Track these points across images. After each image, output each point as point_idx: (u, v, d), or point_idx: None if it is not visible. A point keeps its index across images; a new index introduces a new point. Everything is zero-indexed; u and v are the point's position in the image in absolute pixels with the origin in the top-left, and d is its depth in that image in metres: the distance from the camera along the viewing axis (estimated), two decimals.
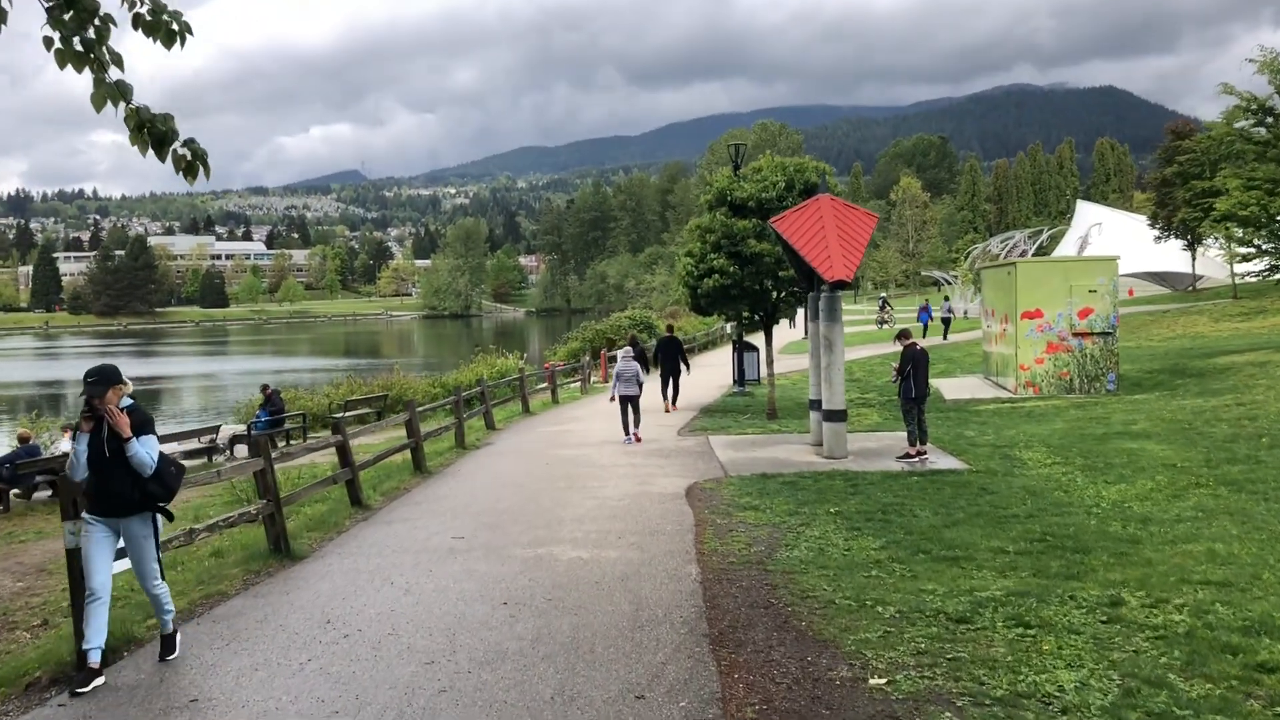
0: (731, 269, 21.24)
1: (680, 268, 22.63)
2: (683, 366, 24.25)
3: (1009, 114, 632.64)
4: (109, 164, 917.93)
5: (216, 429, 22.72)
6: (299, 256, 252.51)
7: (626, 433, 18.78)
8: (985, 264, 37.65)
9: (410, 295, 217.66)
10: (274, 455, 11.70)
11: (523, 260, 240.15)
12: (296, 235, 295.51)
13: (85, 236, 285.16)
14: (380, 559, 10.06)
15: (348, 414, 26.22)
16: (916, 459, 14.67)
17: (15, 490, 17.65)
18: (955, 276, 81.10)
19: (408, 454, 16.53)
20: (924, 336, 39.84)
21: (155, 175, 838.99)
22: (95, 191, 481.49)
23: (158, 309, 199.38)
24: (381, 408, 27.76)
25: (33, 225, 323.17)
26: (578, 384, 33.68)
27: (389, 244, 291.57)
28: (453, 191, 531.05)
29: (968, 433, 17.30)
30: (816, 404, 17.06)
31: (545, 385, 31.94)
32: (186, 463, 21.97)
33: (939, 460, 14.53)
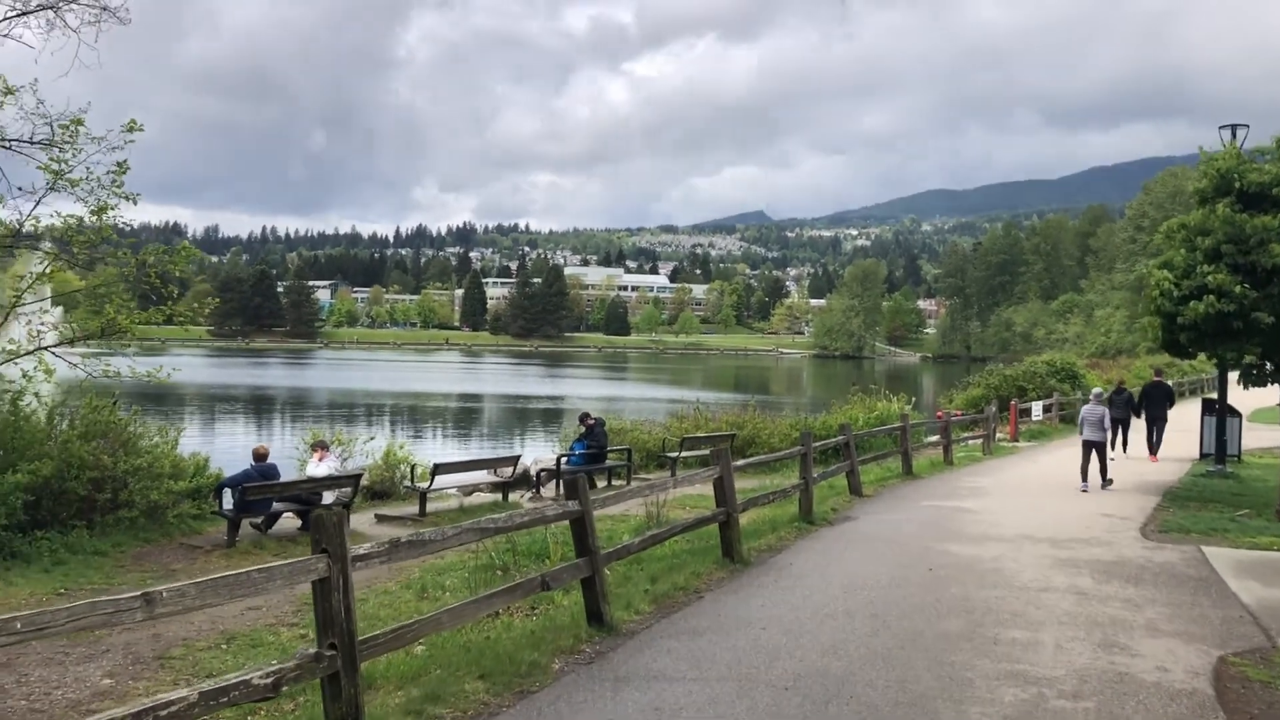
0: (1238, 288, 14.00)
1: (1152, 287, 15.52)
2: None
3: None
4: (544, 201, 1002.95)
5: (515, 459, 18.54)
6: (698, 291, 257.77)
7: (1084, 479, 17.15)
8: None
9: (802, 334, 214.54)
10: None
11: (921, 304, 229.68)
12: (699, 271, 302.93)
13: (513, 265, 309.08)
14: None
15: (685, 453, 21.33)
16: None
17: (253, 520, 14.17)
18: None
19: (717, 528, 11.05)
20: None
21: (580, 212, 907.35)
22: (528, 226, 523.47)
23: (566, 333, 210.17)
24: (728, 448, 22.61)
25: (472, 255, 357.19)
26: (979, 440, 26.73)
27: (786, 282, 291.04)
28: (854, 233, 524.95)
29: None
30: None
31: (936, 439, 25.41)
32: (474, 500, 18.00)
33: None
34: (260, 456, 14.19)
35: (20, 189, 13.16)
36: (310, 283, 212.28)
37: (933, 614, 8.41)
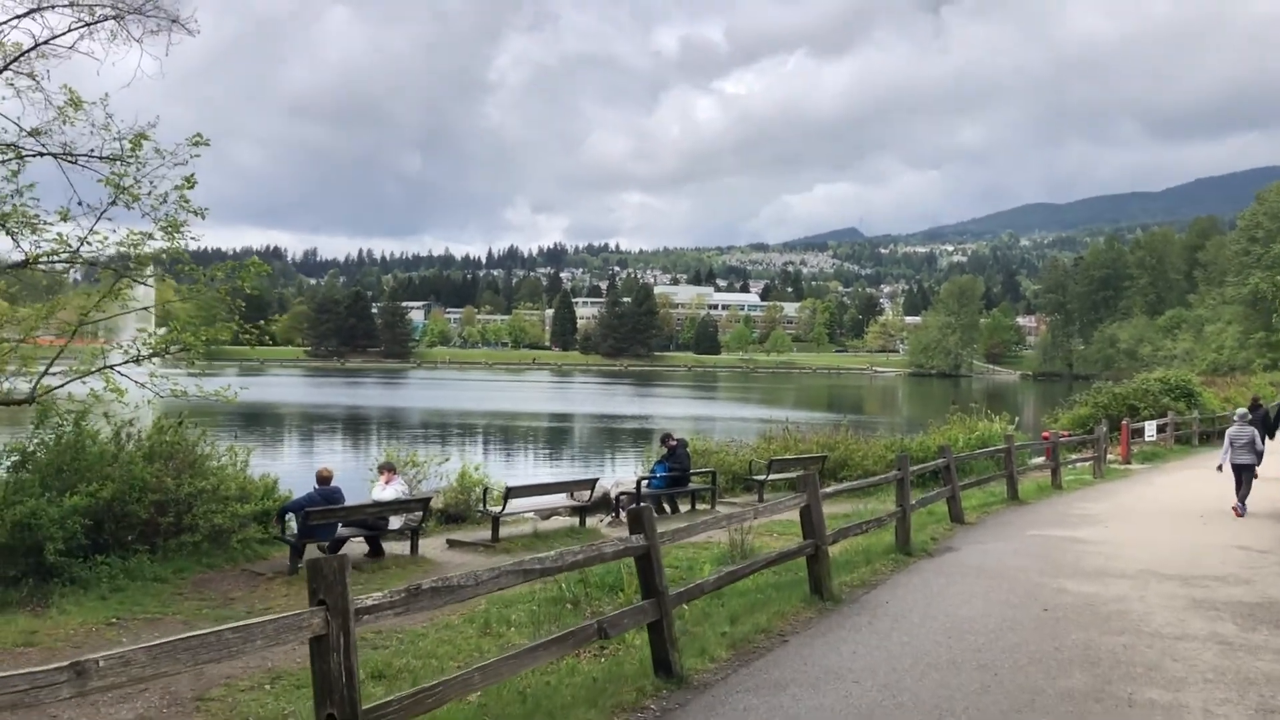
0: None
1: (1275, 299, 14.07)
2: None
3: None
4: (634, 221, 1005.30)
5: (593, 482, 17.71)
6: (789, 309, 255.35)
7: (1242, 504, 16.07)
8: None
9: (897, 352, 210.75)
10: (666, 529, 5.90)
11: (1020, 320, 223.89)
12: (790, 289, 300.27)
13: (603, 285, 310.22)
14: None
15: (773, 476, 20.31)
16: None
17: (320, 545, 13.58)
18: None
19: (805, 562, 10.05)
20: None
21: (670, 231, 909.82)
22: (618, 246, 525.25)
23: (656, 352, 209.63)
24: (819, 472, 21.51)
25: (563, 275, 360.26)
26: (1088, 462, 25.12)
27: (880, 300, 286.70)
28: (950, 249, 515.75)
29: None
30: None
31: (1043, 461, 23.94)
32: (551, 524, 17.24)
33: None
34: (324, 479, 13.63)
35: (84, 204, 12.78)
36: (404, 304, 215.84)
37: (1052, 666, 7.33)
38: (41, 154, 13.44)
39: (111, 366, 13.77)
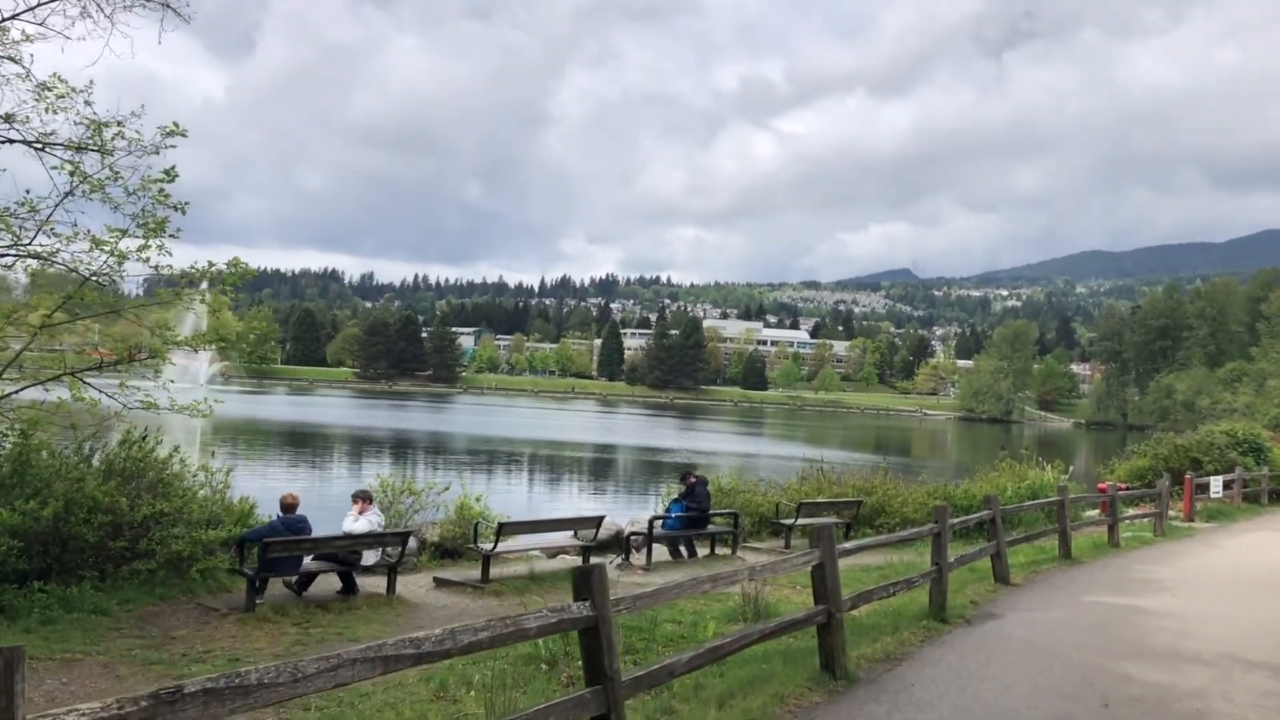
0: None
1: None
2: None
3: None
4: (687, 255, 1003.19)
5: (598, 520, 16.14)
6: (839, 347, 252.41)
7: None
8: None
9: (947, 395, 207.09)
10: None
11: (1074, 368, 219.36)
12: (841, 328, 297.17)
13: (653, 317, 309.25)
14: None
15: (802, 520, 18.69)
16: None
17: (291, 579, 12.24)
18: None
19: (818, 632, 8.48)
20: None
21: (723, 266, 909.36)
22: (670, 278, 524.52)
23: (703, 385, 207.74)
24: (853, 518, 19.86)
25: (613, 305, 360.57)
26: (1147, 518, 23.14)
27: (932, 342, 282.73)
28: (1005, 293, 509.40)
29: None
30: None
31: (1098, 515, 22.11)
32: (554, 564, 15.77)
33: None
34: (288, 506, 12.27)
35: (30, 193, 11.58)
36: (455, 329, 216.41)
37: None
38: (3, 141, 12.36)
39: (74, 373, 12.56)
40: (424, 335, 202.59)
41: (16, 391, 12.47)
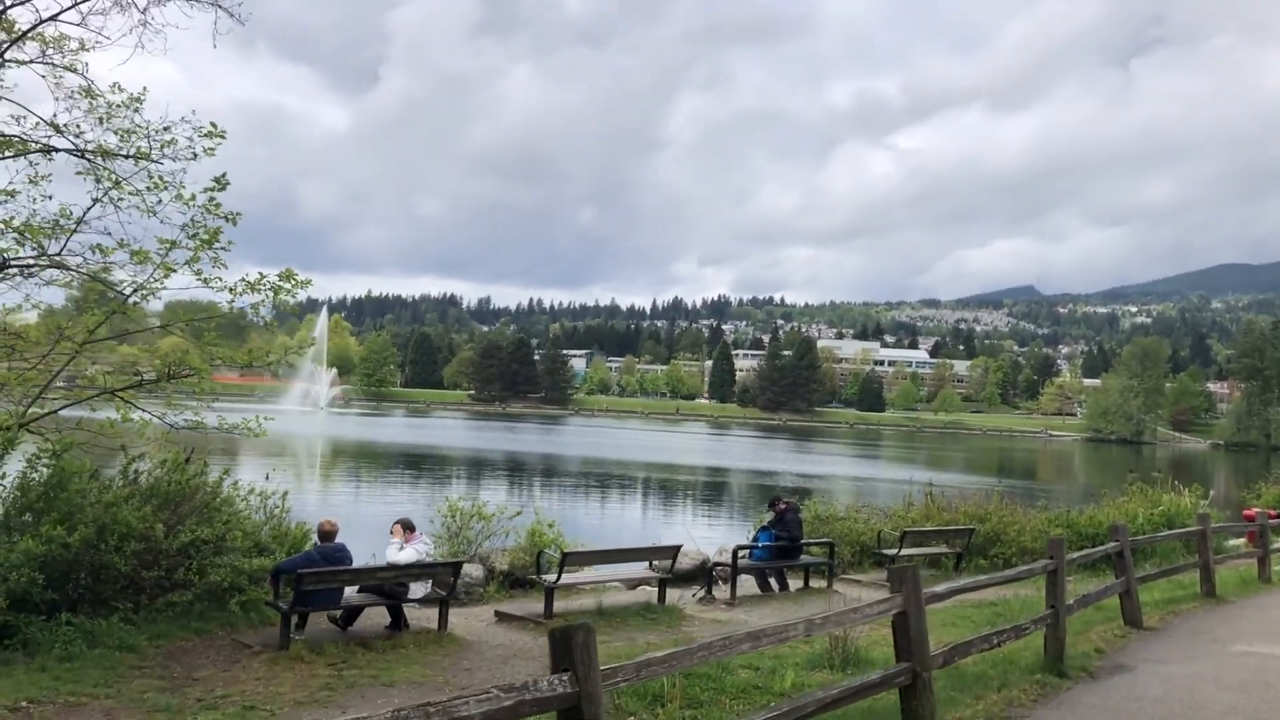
0: None
1: None
2: None
3: None
4: (802, 275, 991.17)
5: (675, 550, 14.85)
6: (960, 367, 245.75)
7: None
8: None
9: (1074, 415, 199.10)
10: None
11: (1211, 386, 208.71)
12: (962, 347, 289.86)
13: (765, 338, 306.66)
14: None
15: (907, 550, 17.11)
16: None
17: (331, 612, 11.32)
18: None
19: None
20: None
21: (838, 286, 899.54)
22: (783, 299, 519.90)
23: (817, 407, 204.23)
24: (964, 548, 18.14)
25: (725, 327, 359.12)
26: None
27: (1057, 360, 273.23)
28: (1134, 310, 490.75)
29: None
30: None
31: (1244, 545, 19.92)
32: (629, 597, 14.57)
33: None
34: (326, 535, 11.33)
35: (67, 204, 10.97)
36: (567, 352, 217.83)
37: None
38: (48, 150, 11.83)
39: (114, 391, 11.92)
40: (536, 358, 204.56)
41: (49, 413, 11.84)
